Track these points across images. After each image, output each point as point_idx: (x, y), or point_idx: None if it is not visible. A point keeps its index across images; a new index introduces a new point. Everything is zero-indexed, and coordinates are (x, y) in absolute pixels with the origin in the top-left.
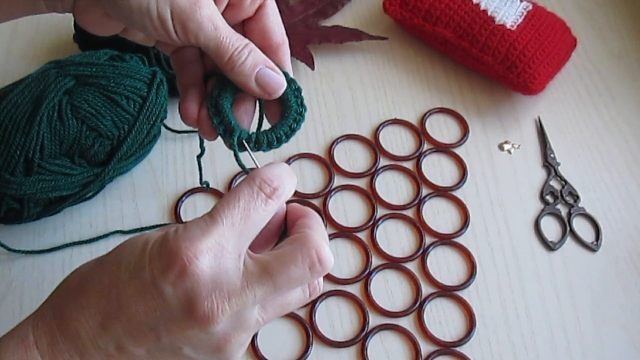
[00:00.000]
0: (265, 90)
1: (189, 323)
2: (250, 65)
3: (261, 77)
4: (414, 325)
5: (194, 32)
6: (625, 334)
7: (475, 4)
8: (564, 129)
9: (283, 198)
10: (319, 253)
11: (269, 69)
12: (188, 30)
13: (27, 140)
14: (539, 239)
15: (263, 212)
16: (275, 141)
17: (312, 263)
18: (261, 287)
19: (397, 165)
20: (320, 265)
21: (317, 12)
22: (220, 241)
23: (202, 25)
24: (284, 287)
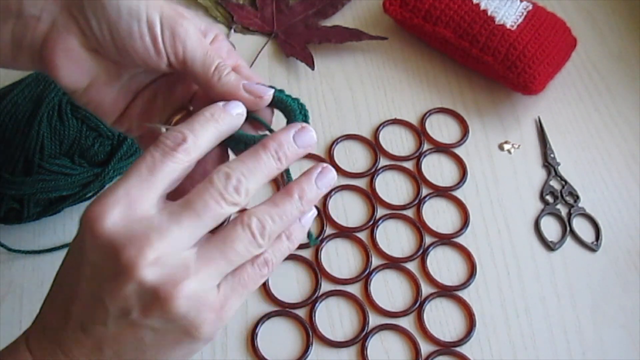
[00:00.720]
0: (256, 95)
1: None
2: (235, 77)
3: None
4: (414, 325)
5: (183, 39)
6: (625, 334)
7: (475, 4)
8: (564, 129)
9: (193, 153)
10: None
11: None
12: (177, 36)
13: (27, 140)
14: (539, 239)
15: (172, 164)
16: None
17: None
18: (181, 221)
19: (397, 165)
20: (228, 180)
21: (317, 12)
22: (128, 193)
23: (190, 35)
24: (203, 212)
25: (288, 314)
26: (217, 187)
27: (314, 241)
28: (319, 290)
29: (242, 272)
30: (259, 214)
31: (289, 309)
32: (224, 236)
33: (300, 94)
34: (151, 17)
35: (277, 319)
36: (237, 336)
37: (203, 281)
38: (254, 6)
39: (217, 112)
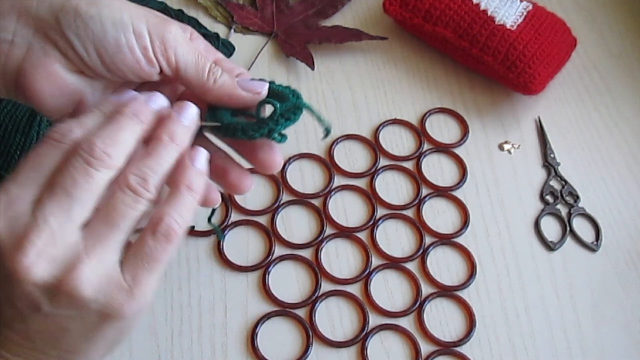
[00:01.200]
0: (253, 90)
1: (12, 282)
2: (228, 77)
3: (243, 82)
4: (414, 325)
5: (173, 45)
6: (625, 334)
7: (475, 4)
8: (564, 129)
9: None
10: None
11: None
12: (167, 42)
13: (27, 140)
14: (539, 239)
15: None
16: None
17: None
18: (52, 205)
19: (397, 165)
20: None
21: (317, 12)
22: (7, 195)
23: (179, 41)
24: (71, 187)
25: (288, 314)
26: (82, 157)
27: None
28: (319, 290)
29: (142, 245)
30: (133, 169)
31: (289, 309)
32: (105, 206)
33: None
34: (138, 28)
35: (277, 319)
36: (237, 336)
37: (100, 259)
38: (254, 6)
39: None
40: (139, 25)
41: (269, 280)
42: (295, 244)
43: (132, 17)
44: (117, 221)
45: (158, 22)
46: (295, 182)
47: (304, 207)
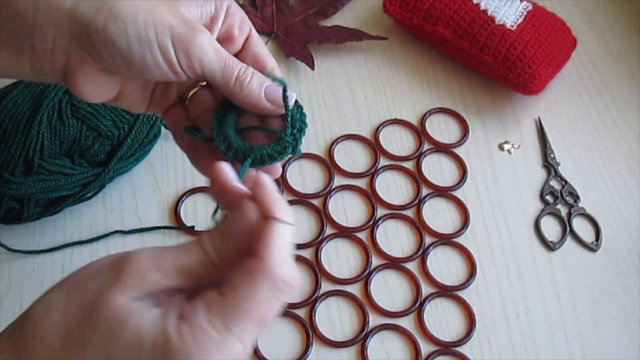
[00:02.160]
0: (278, 104)
1: None
2: (257, 83)
3: (270, 93)
4: (414, 325)
5: (198, 57)
6: (625, 334)
7: (475, 4)
8: (564, 129)
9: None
10: (282, 277)
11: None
12: (191, 56)
13: (27, 140)
14: (539, 239)
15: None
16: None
17: (278, 289)
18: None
19: (397, 165)
20: (286, 286)
21: (317, 12)
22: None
23: (204, 49)
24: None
25: (288, 314)
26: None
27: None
28: (319, 290)
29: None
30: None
31: (289, 308)
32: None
33: (300, 94)
34: (163, 43)
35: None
36: None
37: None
38: (254, 6)
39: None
40: (164, 40)
41: None
42: (295, 243)
43: (157, 32)
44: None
45: (183, 34)
46: (295, 182)
47: (304, 207)
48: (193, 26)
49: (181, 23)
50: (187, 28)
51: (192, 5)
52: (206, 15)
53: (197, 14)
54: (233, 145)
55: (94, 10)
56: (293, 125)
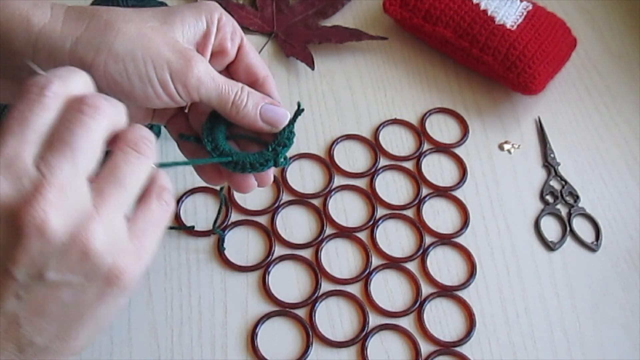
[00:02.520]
0: (273, 124)
1: (21, 239)
2: (253, 105)
3: (265, 114)
4: (414, 325)
5: (196, 87)
6: (625, 334)
7: (475, 4)
8: (564, 129)
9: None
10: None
11: (269, 104)
12: (189, 87)
13: None
14: (539, 239)
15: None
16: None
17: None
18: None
19: (397, 165)
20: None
21: (317, 12)
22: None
23: (202, 80)
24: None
25: (288, 314)
26: (74, 108)
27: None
28: (319, 290)
29: (147, 209)
30: (128, 133)
31: (289, 309)
32: (108, 167)
33: (300, 94)
34: (162, 78)
35: (277, 319)
36: (237, 336)
37: (109, 218)
38: (254, 6)
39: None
40: (163, 75)
41: (269, 280)
42: (295, 244)
43: (156, 69)
44: (121, 180)
45: (180, 68)
46: (295, 182)
47: (304, 207)
48: (189, 58)
49: (178, 56)
50: (183, 60)
51: (185, 27)
52: (199, 34)
53: (191, 35)
54: (219, 147)
55: (94, 52)
56: (278, 142)
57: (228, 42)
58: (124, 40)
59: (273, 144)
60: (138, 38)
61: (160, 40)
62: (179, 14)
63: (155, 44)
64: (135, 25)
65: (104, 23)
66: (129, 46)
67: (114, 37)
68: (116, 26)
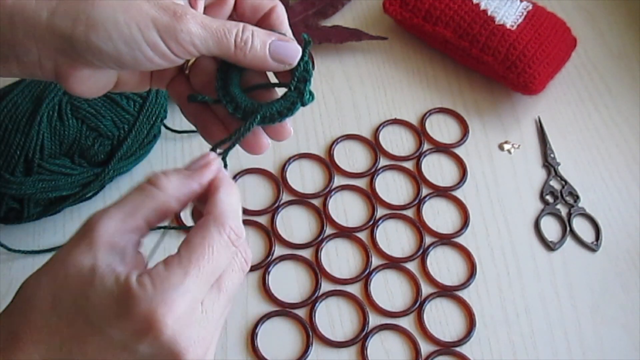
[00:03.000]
0: (285, 61)
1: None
2: (260, 45)
3: (275, 52)
4: (414, 325)
5: (189, 41)
6: (625, 334)
7: (475, 4)
8: (564, 129)
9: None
10: (230, 225)
11: (278, 41)
12: (182, 42)
13: (27, 140)
14: (539, 239)
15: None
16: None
17: (229, 237)
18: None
19: (397, 165)
20: (236, 237)
21: (317, 12)
22: (195, 298)
23: (193, 32)
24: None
25: (288, 314)
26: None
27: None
28: (319, 290)
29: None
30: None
31: (289, 309)
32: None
33: None
34: (150, 39)
35: (277, 319)
36: (237, 336)
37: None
38: None
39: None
40: (150, 36)
41: (269, 280)
42: (295, 244)
43: (141, 30)
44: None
45: (168, 24)
46: (295, 182)
47: (304, 207)
48: (174, 11)
49: (163, 12)
50: (169, 16)
51: None
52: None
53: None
54: (241, 105)
55: (72, 22)
56: (298, 79)
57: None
58: (103, 6)
59: (294, 82)
60: (118, 1)
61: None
62: None
63: (136, 4)
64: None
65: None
66: (109, 12)
67: (91, 4)
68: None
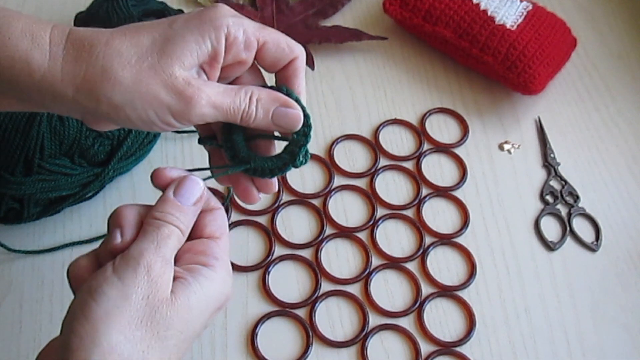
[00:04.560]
0: (286, 128)
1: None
2: (263, 114)
3: (277, 120)
4: (414, 325)
5: (200, 119)
6: (625, 334)
7: (475, 4)
8: (564, 129)
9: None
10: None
11: (281, 108)
12: (194, 121)
13: (27, 140)
14: (539, 239)
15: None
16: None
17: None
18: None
19: (397, 165)
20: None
21: (317, 12)
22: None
23: (204, 112)
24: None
25: (288, 314)
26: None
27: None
28: (319, 290)
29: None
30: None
31: (289, 309)
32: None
33: None
34: (165, 120)
35: (277, 319)
36: (237, 336)
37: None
38: (254, 6)
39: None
40: (165, 119)
41: (269, 280)
42: (295, 244)
43: (157, 114)
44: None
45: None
46: (295, 182)
47: (304, 207)
48: (189, 98)
49: (177, 98)
50: (184, 102)
51: (186, 55)
52: (204, 57)
53: (194, 60)
54: (238, 154)
55: (95, 103)
56: (294, 143)
57: (242, 54)
58: (121, 91)
59: (289, 146)
60: (135, 86)
61: (158, 84)
62: (179, 40)
63: (152, 90)
64: (131, 70)
65: (100, 70)
66: (127, 97)
67: (111, 88)
68: (112, 75)
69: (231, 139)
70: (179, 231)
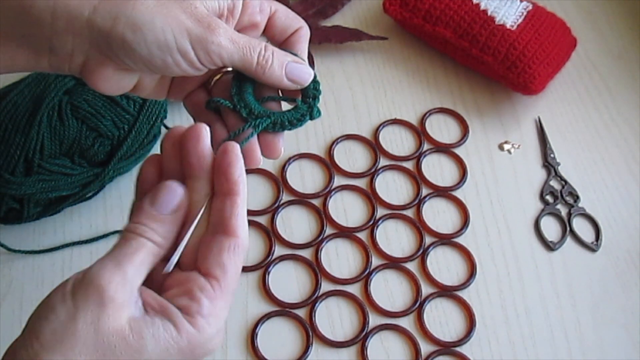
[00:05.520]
0: (298, 82)
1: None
2: (278, 65)
3: (290, 73)
4: (414, 325)
5: (217, 53)
6: (625, 334)
7: (475, 4)
8: (564, 129)
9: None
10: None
11: (294, 63)
12: (211, 53)
13: (27, 140)
14: (539, 239)
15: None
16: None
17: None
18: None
19: (397, 165)
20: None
21: (317, 12)
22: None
23: (223, 45)
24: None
25: (288, 314)
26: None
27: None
28: (319, 290)
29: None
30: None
31: (289, 309)
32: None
33: None
34: (182, 46)
35: (277, 319)
36: (237, 336)
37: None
38: None
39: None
40: (182, 43)
41: (269, 280)
42: (295, 244)
43: (175, 37)
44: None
45: (200, 35)
46: (295, 182)
47: (304, 207)
48: (208, 24)
49: (197, 23)
50: (203, 28)
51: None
52: (223, 8)
53: (215, 6)
54: (254, 111)
55: (112, 20)
56: (308, 95)
57: (257, 16)
58: (143, 10)
59: (307, 98)
60: (157, 7)
61: (180, 9)
62: None
63: (174, 13)
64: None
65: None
66: (148, 16)
67: (132, 6)
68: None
69: (244, 98)
70: (152, 244)
